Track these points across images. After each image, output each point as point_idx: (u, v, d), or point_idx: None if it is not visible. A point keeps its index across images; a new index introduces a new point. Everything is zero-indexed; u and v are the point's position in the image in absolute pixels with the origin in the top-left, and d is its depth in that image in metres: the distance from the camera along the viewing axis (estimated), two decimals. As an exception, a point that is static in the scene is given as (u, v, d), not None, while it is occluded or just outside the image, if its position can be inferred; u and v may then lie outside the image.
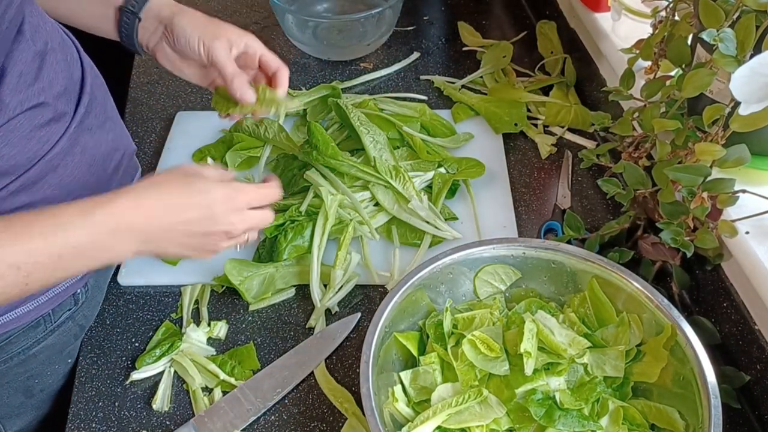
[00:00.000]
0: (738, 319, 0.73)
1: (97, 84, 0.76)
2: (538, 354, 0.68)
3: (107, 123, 0.77)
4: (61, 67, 0.69)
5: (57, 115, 0.68)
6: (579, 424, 0.65)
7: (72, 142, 0.70)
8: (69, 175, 0.70)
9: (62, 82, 0.69)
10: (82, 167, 0.72)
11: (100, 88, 0.77)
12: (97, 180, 0.75)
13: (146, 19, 0.80)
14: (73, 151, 0.70)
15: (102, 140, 0.75)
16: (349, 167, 0.90)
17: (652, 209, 0.81)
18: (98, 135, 0.75)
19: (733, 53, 0.65)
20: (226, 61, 0.79)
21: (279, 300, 0.85)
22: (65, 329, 0.79)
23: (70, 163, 0.70)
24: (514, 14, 1.30)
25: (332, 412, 0.75)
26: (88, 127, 0.73)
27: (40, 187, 0.68)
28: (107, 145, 0.77)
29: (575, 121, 1.04)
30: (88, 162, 0.73)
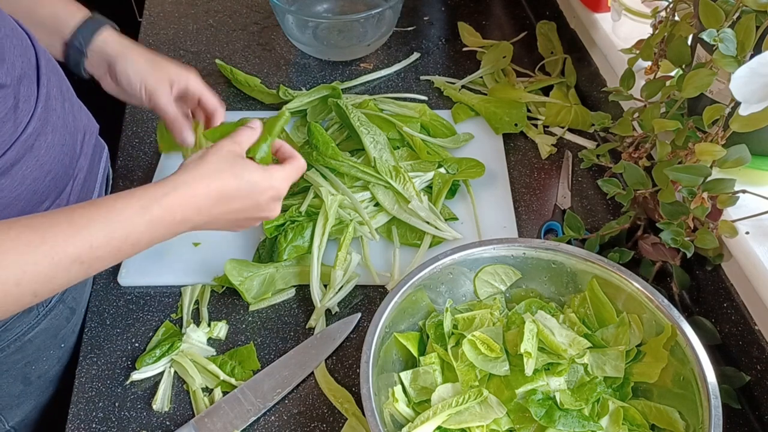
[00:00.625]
0: (738, 319, 0.73)
1: (51, 67, 0.77)
2: (538, 354, 0.68)
3: (66, 104, 0.77)
4: (18, 51, 0.70)
5: (23, 97, 0.69)
6: (579, 424, 0.65)
7: (42, 122, 0.71)
8: (45, 155, 0.71)
9: (21, 66, 0.69)
10: (55, 146, 0.73)
11: (54, 71, 0.77)
12: (70, 159, 0.77)
13: (91, 56, 0.82)
14: (45, 131, 0.71)
15: (67, 120, 0.77)
16: (349, 167, 0.90)
17: (653, 209, 0.81)
18: (62, 115, 0.76)
19: (733, 53, 0.65)
20: (167, 106, 0.82)
21: (279, 300, 0.85)
22: (57, 312, 0.80)
23: (44, 143, 0.71)
24: (514, 14, 1.30)
25: (332, 412, 0.75)
26: (52, 107, 0.73)
27: (19, 168, 0.68)
28: (71, 125, 0.78)
29: (575, 122, 1.04)
30: (60, 141, 0.74)
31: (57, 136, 0.74)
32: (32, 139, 0.70)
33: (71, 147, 0.77)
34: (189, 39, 1.25)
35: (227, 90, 1.15)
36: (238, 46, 1.24)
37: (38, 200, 0.72)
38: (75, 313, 0.83)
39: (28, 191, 0.70)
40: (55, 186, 0.74)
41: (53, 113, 0.74)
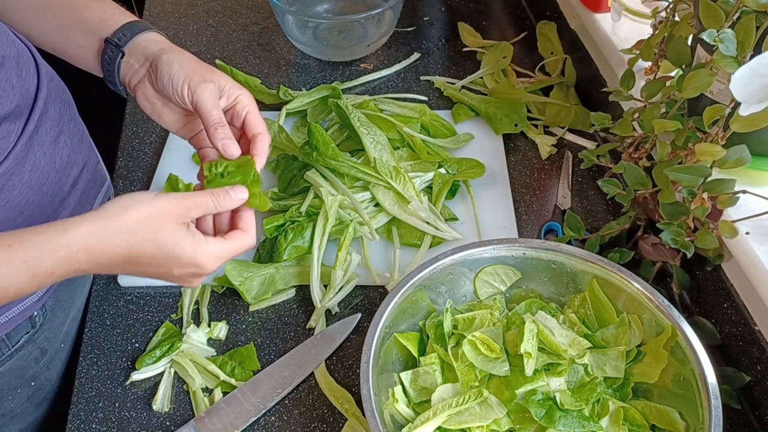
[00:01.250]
0: (738, 319, 0.72)
1: (53, 97, 0.72)
2: (538, 354, 0.68)
3: (61, 137, 0.73)
4: (14, 82, 0.66)
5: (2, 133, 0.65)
6: (579, 424, 0.65)
7: (19, 160, 0.66)
8: (17, 195, 0.67)
9: (14, 99, 0.65)
10: (33, 186, 0.68)
11: (56, 101, 0.73)
12: (51, 199, 0.72)
13: (131, 55, 0.72)
14: (21, 171, 0.67)
15: (55, 156, 0.72)
16: (349, 168, 0.90)
17: (653, 210, 0.81)
18: (51, 151, 0.71)
19: (733, 54, 0.65)
20: (212, 108, 0.68)
21: (279, 300, 0.85)
22: (24, 353, 0.76)
23: (17, 183, 0.66)
24: (514, 15, 1.30)
25: (332, 412, 0.75)
26: (38, 143, 0.69)
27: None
28: (62, 161, 0.73)
29: (575, 122, 1.04)
30: (39, 181, 0.69)
31: (36, 176, 0.69)
32: (3, 180, 0.65)
33: (55, 186, 0.72)
34: (189, 39, 1.25)
35: (227, 90, 1.15)
36: (238, 47, 1.24)
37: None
38: (47, 353, 0.80)
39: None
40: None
41: (38, 150, 0.69)
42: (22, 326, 0.75)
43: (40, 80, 0.71)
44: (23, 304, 0.73)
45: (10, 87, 0.66)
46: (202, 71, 0.70)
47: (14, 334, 0.74)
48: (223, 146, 0.67)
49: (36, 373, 0.79)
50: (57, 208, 0.74)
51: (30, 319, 0.75)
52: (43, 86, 0.71)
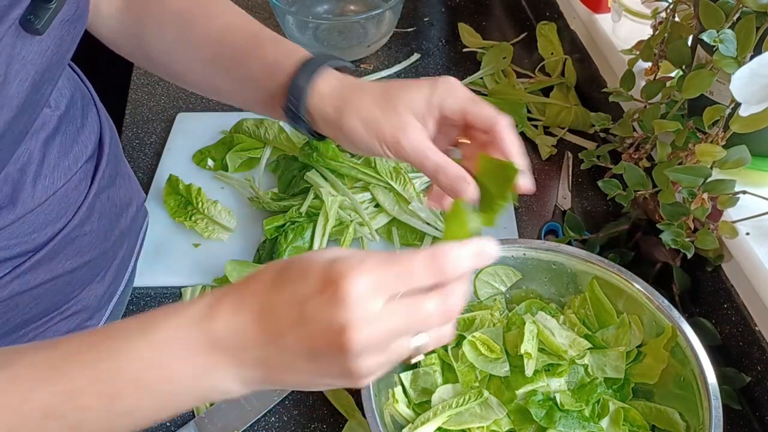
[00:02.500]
0: (738, 320, 0.72)
1: (112, 139, 0.72)
2: (538, 355, 0.68)
3: (117, 179, 0.73)
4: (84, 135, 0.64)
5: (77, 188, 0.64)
6: (580, 425, 0.65)
7: (89, 210, 0.65)
8: (86, 244, 0.66)
9: (87, 153, 0.65)
10: (99, 234, 0.67)
11: (112, 142, 0.71)
12: (113, 243, 0.72)
13: (310, 118, 0.64)
14: (90, 220, 0.66)
15: (116, 200, 0.71)
16: (349, 168, 0.90)
17: (653, 210, 0.81)
18: (112, 196, 0.70)
19: (733, 54, 0.65)
20: (422, 158, 0.58)
21: (279, 301, 0.85)
22: None
23: (87, 233, 0.65)
24: (514, 15, 1.30)
25: (332, 413, 0.75)
26: (103, 189, 0.68)
27: (58, 262, 0.63)
28: (121, 203, 0.73)
29: (575, 122, 1.04)
30: (104, 228, 0.68)
31: (103, 223, 0.68)
32: (76, 231, 0.64)
33: (116, 230, 0.72)
34: (189, 40, 1.25)
35: (227, 91, 1.15)
36: (239, 47, 1.23)
37: (71, 290, 0.68)
38: None
39: (62, 282, 0.65)
40: (92, 274, 0.69)
41: (104, 196, 0.68)
42: None
43: (102, 123, 0.70)
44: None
45: (84, 139, 0.64)
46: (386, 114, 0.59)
47: None
48: (457, 190, 0.58)
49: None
50: (115, 251, 0.73)
51: None
52: (105, 130, 0.69)
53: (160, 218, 0.94)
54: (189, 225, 0.91)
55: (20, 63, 0.50)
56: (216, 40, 0.67)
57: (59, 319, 0.69)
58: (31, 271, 0.61)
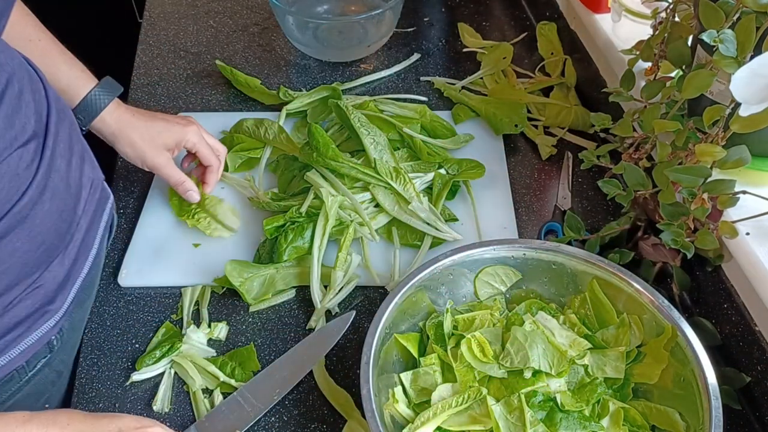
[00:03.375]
0: (738, 320, 0.72)
1: (61, 118, 0.72)
2: (538, 355, 0.68)
3: (73, 160, 0.73)
4: (31, 108, 0.66)
5: (23, 163, 0.64)
6: (580, 425, 0.64)
7: (40, 189, 0.66)
8: (39, 225, 0.67)
9: (33, 125, 0.65)
10: (53, 214, 0.68)
11: (65, 122, 0.73)
12: (68, 225, 0.72)
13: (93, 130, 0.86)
14: (42, 199, 0.66)
15: (70, 180, 0.72)
16: (349, 169, 0.90)
17: (653, 210, 0.81)
18: (66, 176, 0.71)
19: (734, 54, 0.65)
20: (169, 176, 0.89)
21: (279, 301, 0.85)
22: (41, 377, 0.76)
23: (39, 212, 0.66)
24: (514, 15, 1.30)
25: (332, 413, 0.75)
26: (56, 168, 0.69)
27: (8, 242, 0.64)
28: (76, 183, 0.73)
29: (575, 122, 1.04)
30: (58, 208, 0.69)
31: (56, 203, 0.69)
32: (26, 210, 0.65)
33: (71, 211, 0.73)
34: (189, 40, 1.25)
35: (227, 91, 1.15)
36: (239, 47, 1.24)
37: (28, 272, 0.68)
38: (62, 375, 0.80)
39: (17, 264, 0.66)
40: (48, 256, 0.70)
41: (56, 175, 0.69)
42: (41, 351, 0.74)
43: (50, 102, 0.71)
44: (41, 330, 0.72)
45: (31, 113, 0.65)
46: (150, 149, 0.87)
47: (33, 360, 0.73)
48: (187, 198, 0.91)
49: (50, 396, 0.79)
50: (72, 233, 0.74)
51: (48, 344, 0.75)
52: (52, 108, 0.71)
53: (160, 218, 0.94)
54: (191, 224, 0.91)
55: None
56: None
57: (20, 298, 0.69)
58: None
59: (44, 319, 0.72)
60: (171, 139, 0.88)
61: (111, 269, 0.89)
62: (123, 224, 0.94)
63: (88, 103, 0.83)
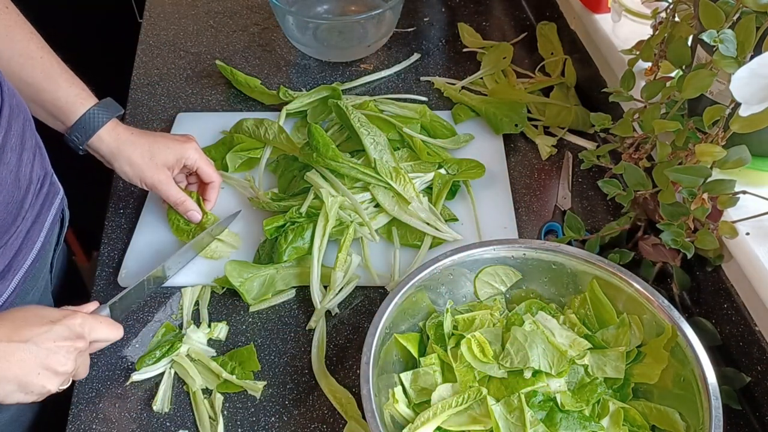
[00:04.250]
0: (738, 320, 0.72)
1: (15, 114, 0.73)
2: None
3: (24, 154, 0.74)
4: None
5: None
6: (581, 425, 0.64)
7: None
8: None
9: None
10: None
11: (18, 118, 0.73)
12: (14, 217, 0.73)
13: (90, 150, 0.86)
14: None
15: (20, 174, 0.73)
16: (349, 169, 0.90)
17: (653, 210, 0.81)
18: (16, 169, 0.72)
19: (734, 54, 0.65)
20: (168, 195, 0.87)
21: (279, 301, 0.85)
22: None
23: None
24: (514, 15, 1.30)
25: (332, 413, 0.75)
26: (4, 162, 0.69)
27: None
28: (25, 177, 0.74)
29: (575, 122, 1.04)
30: (4, 200, 0.70)
31: (3, 195, 0.69)
32: None
33: (17, 203, 0.73)
34: (189, 40, 1.25)
35: (227, 91, 1.15)
36: (239, 47, 1.24)
37: None
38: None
39: None
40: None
41: (4, 169, 0.70)
42: None
43: (3, 98, 0.71)
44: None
45: None
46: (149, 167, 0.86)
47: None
48: (188, 218, 0.89)
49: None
50: (16, 224, 0.74)
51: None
52: (5, 104, 0.71)
53: (160, 218, 0.94)
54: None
55: None
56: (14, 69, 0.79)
57: None
58: None
59: None
60: (171, 156, 0.87)
61: (111, 269, 0.89)
62: (123, 224, 0.94)
63: (86, 120, 0.82)
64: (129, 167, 0.86)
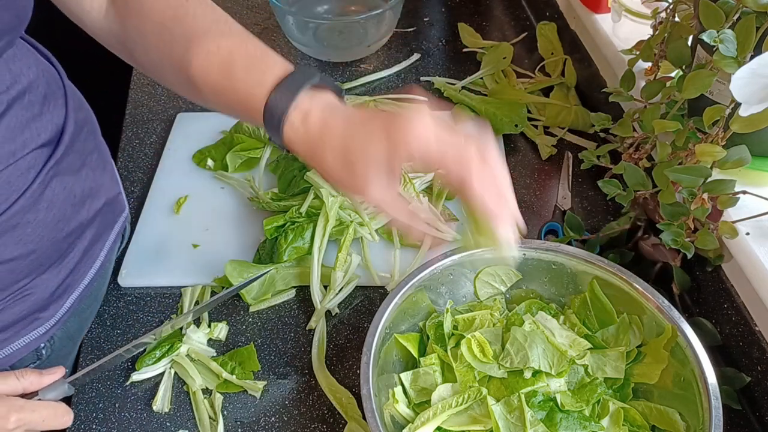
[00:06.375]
0: (738, 320, 0.72)
1: (79, 128, 0.70)
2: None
3: (83, 170, 0.71)
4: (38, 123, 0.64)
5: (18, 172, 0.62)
6: (581, 425, 0.64)
7: (35, 198, 0.64)
8: (31, 234, 0.64)
9: (35, 142, 0.64)
10: (48, 224, 0.66)
11: (82, 132, 0.71)
12: (66, 235, 0.70)
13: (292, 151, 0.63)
14: (36, 208, 0.64)
15: (75, 190, 0.70)
16: (349, 168, 0.90)
17: (653, 210, 0.81)
18: (71, 185, 0.69)
19: (734, 54, 0.65)
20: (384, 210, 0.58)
21: (279, 301, 0.85)
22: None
23: (32, 220, 0.64)
24: (514, 15, 1.30)
25: (332, 413, 0.75)
26: (58, 178, 0.67)
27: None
28: (82, 194, 0.71)
29: (575, 123, 1.04)
30: (55, 217, 0.67)
31: (53, 213, 0.66)
32: (17, 218, 0.63)
33: (72, 221, 0.70)
34: (189, 40, 1.25)
35: (227, 91, 1.15)
36: (239, 47, 1.23)
37: (15, 279, 0.66)
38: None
39: (3, 270, 0.64)
40: (39, 265, 0.68)
41: (57, 185, 0.66)
42: (27, 358, 0.73)
43: (68, 113, 0.69)
44: (29, 336, 0.72)
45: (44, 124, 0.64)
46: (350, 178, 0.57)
47: (18, 365, 0.72)
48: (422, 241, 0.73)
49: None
50: (73, 243, 0.72)
51: (36, 351, 0.74)
52: (70, 119, 0.68)
53: (160, 218, 0.94)
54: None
55: None
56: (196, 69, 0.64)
57: (7, 304, 0.67)
58: None
59: (33, 326, 0.71)
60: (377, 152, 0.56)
61: (112, 269, 0.89)
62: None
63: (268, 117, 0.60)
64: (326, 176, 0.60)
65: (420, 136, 0.54)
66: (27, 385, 0.62)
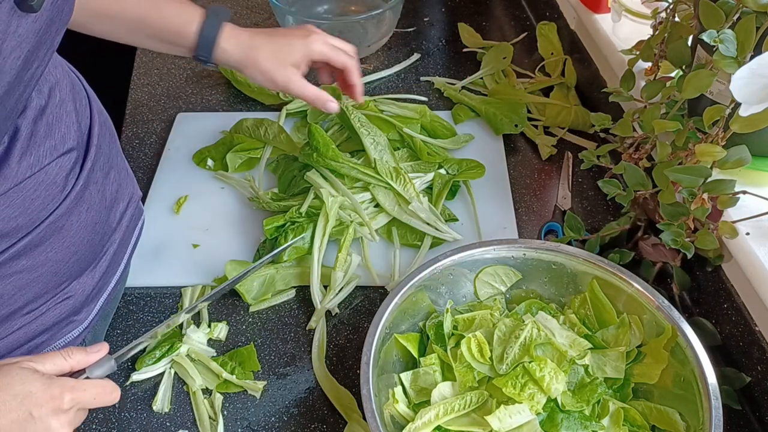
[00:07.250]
0: (738, 320, 0.72)
1: (104, 131, 0.73)
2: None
3: (111, 173, 0.74)
4: (71, 119, 0.66)
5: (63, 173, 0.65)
6: (581, 425, 0.64)
7: (76, 200, 0.67)
8: (74, 236, 0.67)
9: (73, 136, 0.66)
10: (87, 226, 0.69)
11: (106, 135, 0.74)
12: (101, 237, 0.73)
13: (221, 65, 0.86)
14: (77, 210, 0.67)
15: (106, 193, 0.73)
16: (349, 169, 0.90)
17: (653, 210, 0.81)
18: (103, 188, 0.72)
19: (733, 54, 0.65)
20: (303, 92, 0.85)
21: (279, 301, 0.85)
22: None
23: (75, 223, 0.67)
24: (515, 15, 1.30)
25: (333, 413, 0.75)
26: (93, 180, 0.70)
27: (42, 251, 0.64)
28: (111, 197, 0.74)
29: (575, 123, 1.04)
30: (93, 219, 0.70)
31: (91, 215, 0.69)
32: (62, 220, 0.65)
33: (105, 223, 0.73)
34: (189, 40, 1.25)
35: (228, 91, 1.15)
36: (239, 47, 1.23)
37: (58, 282, 0.69)
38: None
39: (48, 273, 0.66)
40: (79, 267, 0.71)
41: (93, 187, 0.69)
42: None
43: (93, 114, 0.71)
44: (65, 339, 0.73)
45: (71, 123, 0.66)
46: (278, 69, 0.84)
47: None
48: (327, 109, 0.87)
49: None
50: (105, 246, 0.74)
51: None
52: (95, 120, 0.71)
53: (160, 218, 0.94)
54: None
55: (16, 40, 0.51)
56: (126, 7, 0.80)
57: (49, 306, 0.69)
58: (15, 258, 0.62)
59: (69, 328, 0.73)
60: (296, 54, 0.85)
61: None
62: (123, 224, 0.94)
63: (202, 38, 0.82)
64: (259, 74, 0.84)
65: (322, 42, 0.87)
66: (74, 363, 0.62)
